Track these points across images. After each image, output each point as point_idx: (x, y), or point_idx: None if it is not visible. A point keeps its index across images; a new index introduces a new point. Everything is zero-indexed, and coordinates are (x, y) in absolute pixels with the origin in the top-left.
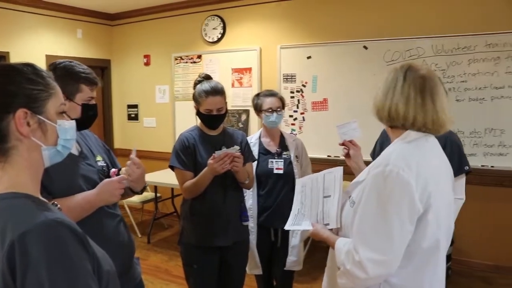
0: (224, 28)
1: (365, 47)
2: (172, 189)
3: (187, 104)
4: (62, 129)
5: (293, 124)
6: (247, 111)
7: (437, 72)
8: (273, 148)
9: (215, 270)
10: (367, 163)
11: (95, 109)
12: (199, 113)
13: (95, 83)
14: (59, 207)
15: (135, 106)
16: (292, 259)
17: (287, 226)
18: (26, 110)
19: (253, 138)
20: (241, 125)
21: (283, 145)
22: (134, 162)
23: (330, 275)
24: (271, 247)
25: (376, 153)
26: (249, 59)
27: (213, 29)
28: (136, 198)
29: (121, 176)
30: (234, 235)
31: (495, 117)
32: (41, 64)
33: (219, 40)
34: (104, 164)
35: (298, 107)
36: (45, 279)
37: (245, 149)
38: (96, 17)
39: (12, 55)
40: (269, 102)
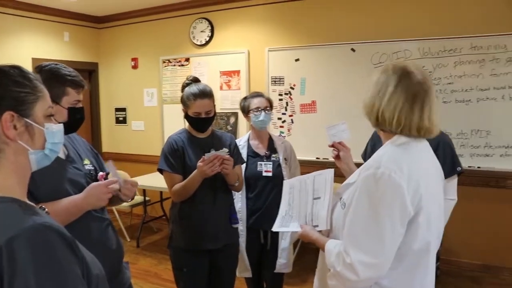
0: (212, 31)
1: (352, 50)
2: (161, 192)
3: (175, 107)
4: (49, 132)
5: (281, 126)
6: (235, 114)
7: None
8: (261, 150)
9: (205, 274)
10: (357, 165)
11: (82, 112)
12: (187, 116)
13: (81, 86)
14: (46, 211)
15: (123, 110)
16: (282, 262)
17: (275, 228)
18: (13, 113)
19: (241, 141)
20: (229, 127)
21: (271, 148)
22: (132, 183)
23: (321, 277)
24: (260, 250)
25: (368, 155)
26: (237, 61)
27: (201, 32)
28: (125, 202)
29: (109, 180)
30: (224, 238)
31: (481, 119)
32: (27, 67)
33: (207, 43)
34: (92, 168)
35: (286, 110)
36: (33, 284)
37: (234, 151)
38: (83, 20)
39: None
40: (256, 102)
